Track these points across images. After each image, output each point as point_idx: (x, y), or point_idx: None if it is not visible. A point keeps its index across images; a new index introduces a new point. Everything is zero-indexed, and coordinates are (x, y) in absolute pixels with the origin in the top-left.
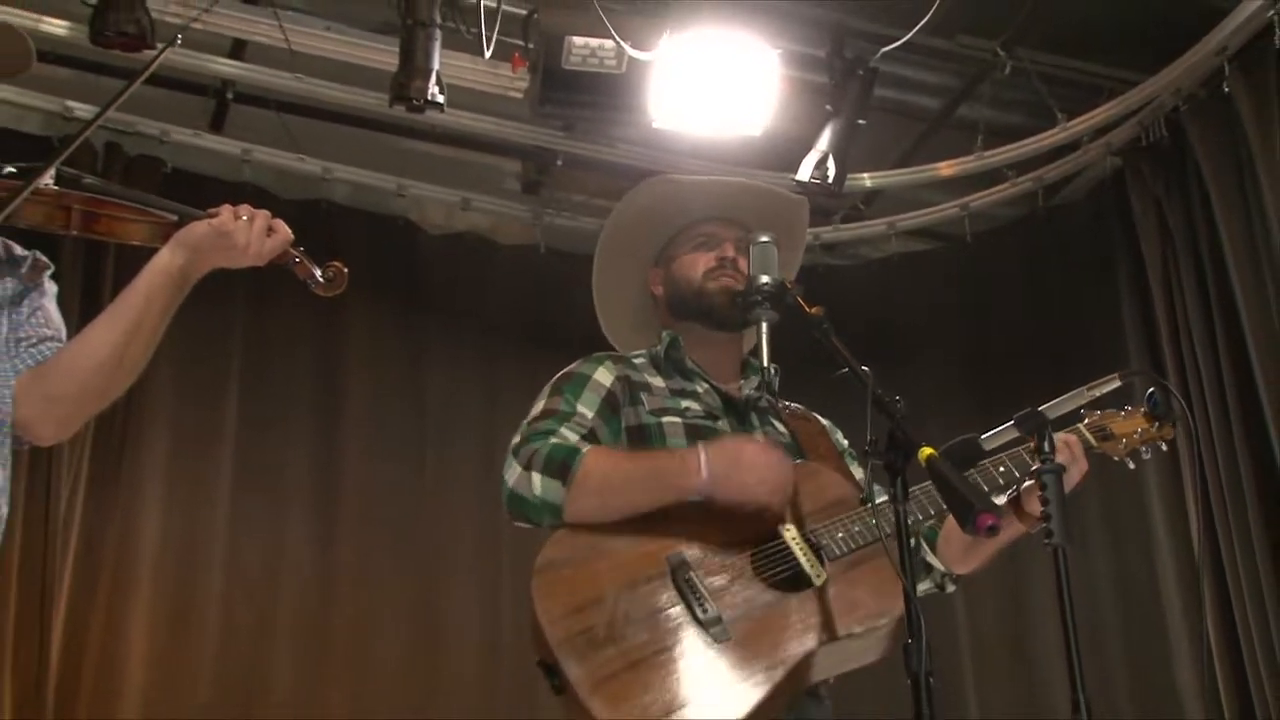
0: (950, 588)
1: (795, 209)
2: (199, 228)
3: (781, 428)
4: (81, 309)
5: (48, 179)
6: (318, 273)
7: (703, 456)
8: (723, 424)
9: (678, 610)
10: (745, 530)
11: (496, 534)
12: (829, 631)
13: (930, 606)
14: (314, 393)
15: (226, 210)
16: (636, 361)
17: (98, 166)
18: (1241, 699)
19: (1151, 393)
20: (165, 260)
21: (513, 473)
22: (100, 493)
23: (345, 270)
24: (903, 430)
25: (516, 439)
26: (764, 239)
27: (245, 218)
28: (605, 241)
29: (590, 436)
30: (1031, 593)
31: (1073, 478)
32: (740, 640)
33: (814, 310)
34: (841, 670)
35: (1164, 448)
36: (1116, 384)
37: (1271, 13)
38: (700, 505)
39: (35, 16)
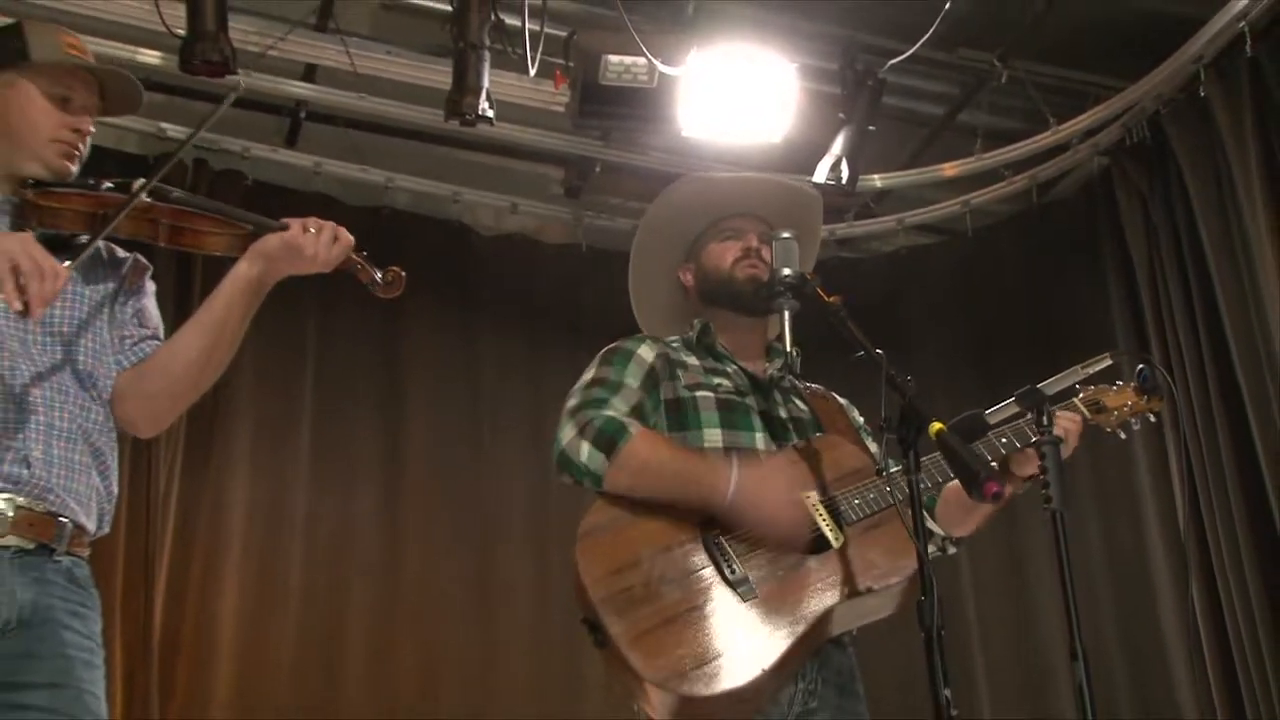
0: (951, 550)
1: (811, 202)
2: (272, 240)
3: (803, 405)
4: (174, 314)
5: (142, 195)
6: (378, 275)
7: (734, 477)
8: (750, 400)
9: (708, 571)
10: None
11: (544, 501)
12: (848, 589)
13: (938, 567)
14: (379, 380)
15: (296, 224)
16: (674, 344)
17: (188, 180)
18: (1222, 651)
19: (1141, 368)
20: (243, 270)
21: (566, 434)
22: (194, 472)
23: (403, 275)
24: (914, 406)
25: (573, 402)
26: (785, 235)
27: (313, 230)
28: (640, 240)
29: (638, 407)
30: (1030, 555)
31: (1067, 449)
32: (766, 598)
33: (832, 299)
34: (860, 623)
35: (1152, 419)
36: (1108, 363)
37: (1243, 24)
38: None
39: (132, 48)
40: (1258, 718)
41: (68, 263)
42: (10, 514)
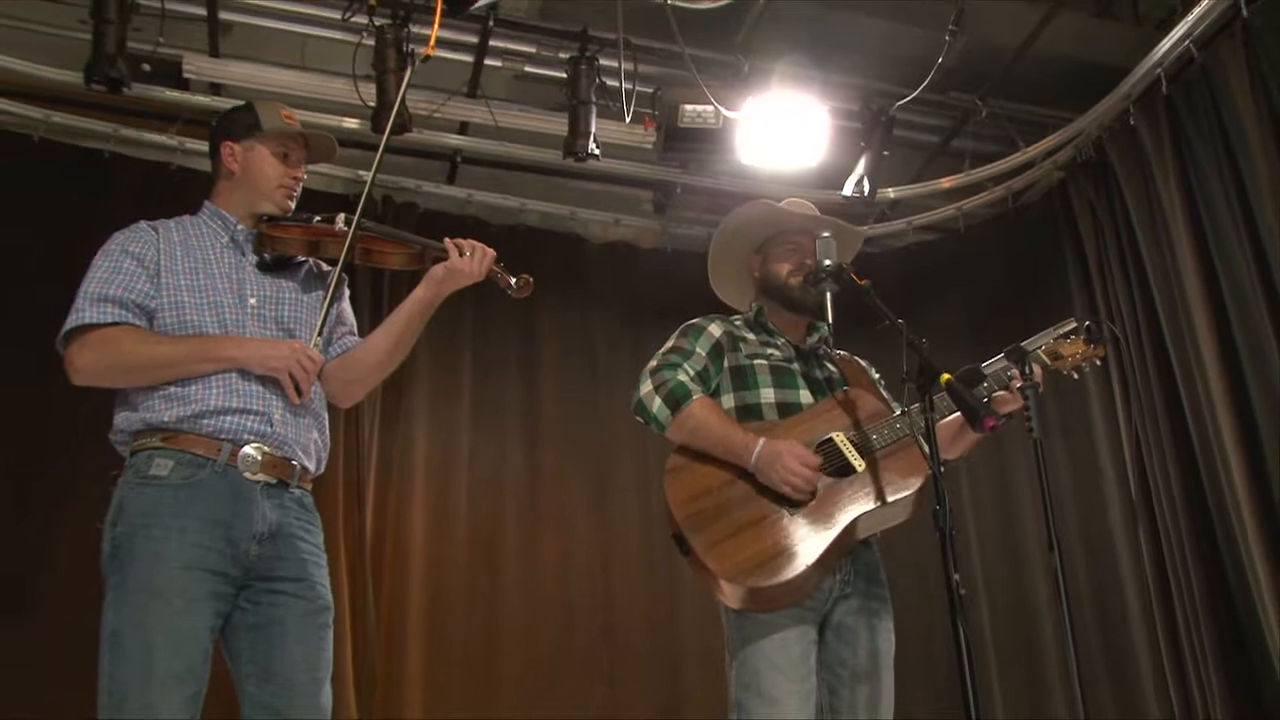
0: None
1: (852, 234)
2: (439, 269)
3: (833, 368)
4: (370, 312)
5: (340, 224)
6: (513, 281)
7: (757, 447)
8: (795, 365)
9: (762, 495)
10: (810, 438)
11: (645, 443)
12: (869, 502)
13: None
14: (520, 354)
15: (452, 247)
16: (736, 322)
17: (378, 210)
18: (1153, 536)
19: (1087, 324)
20: (420, 294)
21: (645, 388)
22: (388, 425)
23: (531, 280)
24: (928, 362)
25: (654, 363)
26: (826, 234)
27: (467, 251)
28: (722, 232)
29: (704, 371)
30: (1013, 474)
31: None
32: (807, 513)
33: (863, 282)
34: (880, 528)
35: (1098, 364)
36: (1072, 324)
37: (1159, 70)
38: (776, 423)
39: (338, 118)
40: (1179, 584)
41: (316, 338)
42: (260, 458)
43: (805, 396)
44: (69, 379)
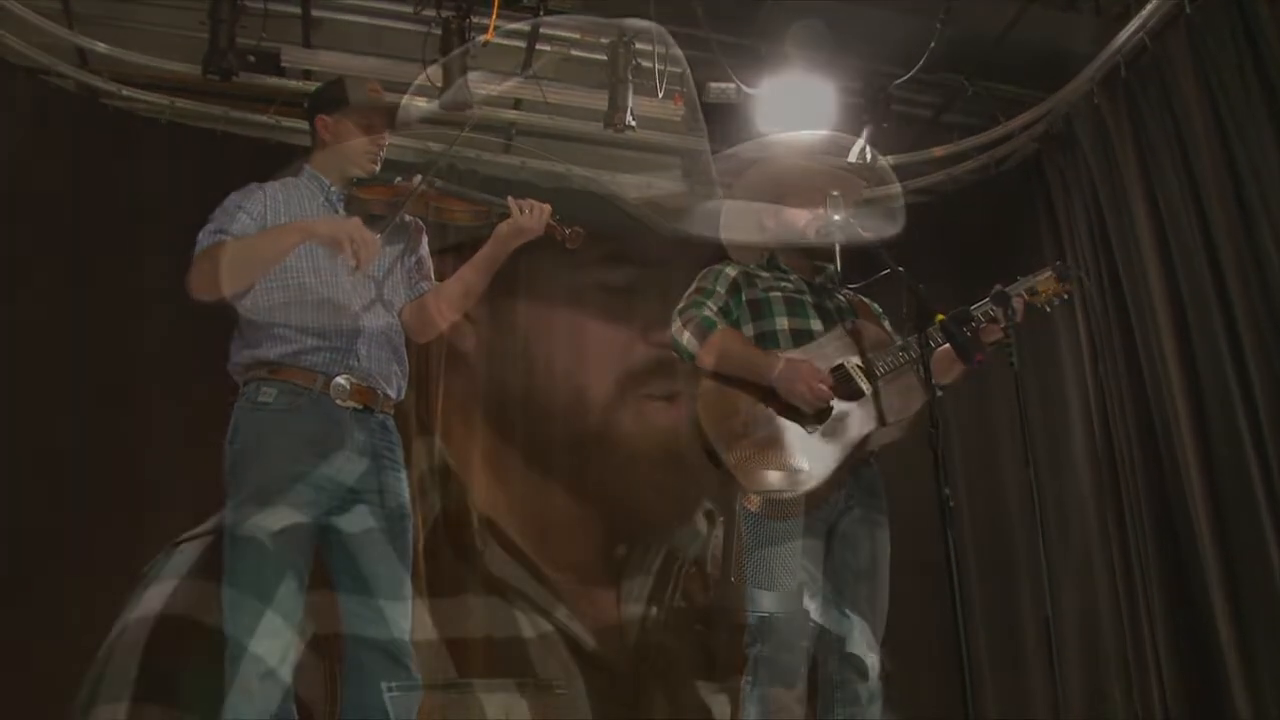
0: (938, 393)
1: (853, 183)
2: (504, 227)
3: (842, 299)
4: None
5: (418, 183)
6: (566, 232)
7: (778, 367)
8: (807, 297)
9: (783, 415)
10: (823, 364)
11: (674, 372)
12: (874, 422)
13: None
14: (566, 293)
15: (514, 205)
16: (751, 266)
17: (444, 176)
18: (1109, 455)
19: (1058, 263)
20: (489, 250)
21: (676, 326)
22: (500, 355)
23: (581, 232)
24: (925, 303)
25: (681, 304)
26: (835, 193)
27: (527, 210)
28: (733, 194)
29: (725, 307)
30: (992, 402)
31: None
32: (823, 431)
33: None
34: (883, 443)
35: (1066, 298)
36: (1048, 273)
37: (1118, 57)
38: (792, 351)
39: (412, 97)
40: (1129, 498)
41: (379, 236)
42: (349, 387)
43: (816, 325)
44: (191, 297)
